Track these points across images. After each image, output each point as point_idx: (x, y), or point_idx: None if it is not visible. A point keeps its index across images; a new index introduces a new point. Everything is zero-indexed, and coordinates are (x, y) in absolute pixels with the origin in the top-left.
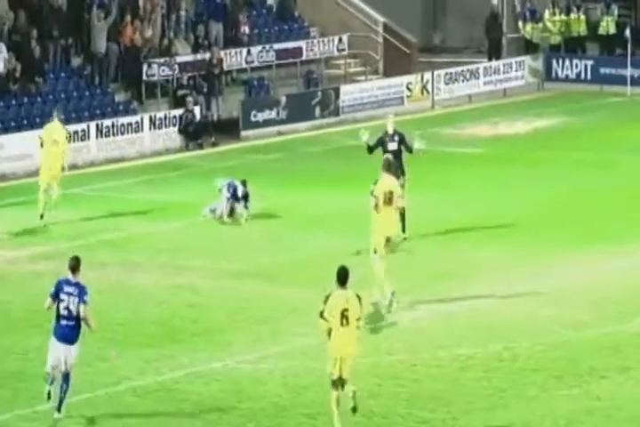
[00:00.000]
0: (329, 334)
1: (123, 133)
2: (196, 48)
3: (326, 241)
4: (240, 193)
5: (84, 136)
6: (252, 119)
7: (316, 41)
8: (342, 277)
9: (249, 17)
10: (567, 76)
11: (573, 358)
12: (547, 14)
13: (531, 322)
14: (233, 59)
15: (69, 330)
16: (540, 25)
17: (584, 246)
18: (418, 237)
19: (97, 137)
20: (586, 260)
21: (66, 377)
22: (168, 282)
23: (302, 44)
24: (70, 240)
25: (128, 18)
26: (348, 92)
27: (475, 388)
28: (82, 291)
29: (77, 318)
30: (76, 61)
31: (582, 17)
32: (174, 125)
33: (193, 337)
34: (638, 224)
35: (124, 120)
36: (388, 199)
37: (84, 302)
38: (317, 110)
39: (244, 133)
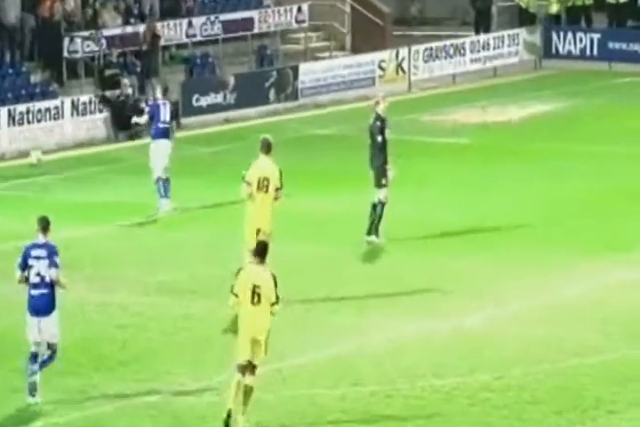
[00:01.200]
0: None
1: (39, 121)
2: (127, 19)
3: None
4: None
5: None
6: (195, 104)
7: (270, 11)
8: (260, 250)
9: None
10: (570, 52)
11: (576, 388)
12: None
13: (524, 346)
14: (171, 32)
15: (44, 299)
16: None
17: (587, 255)
18: (393, 242)
19: (8, 125)
20: (589, 271)
21: (51, 353)
22: (93, 298)
23: (254, 14)
24: None
25: None
26: (309, 72)
27: (459, 423)
28: (51, 252)
29: (52, 284)
30: None
31: None
32: (101, 112)
33: (122, 364)
34: None
35: (41, 105)
36: (264, 186)
37: (55, 265)
38: (272, 93)
39: (184, 121)
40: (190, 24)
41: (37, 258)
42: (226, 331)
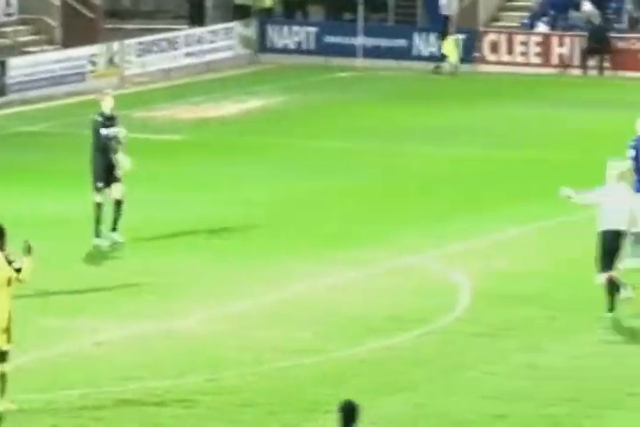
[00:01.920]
0: None
1: None
2: None
3: None
4: None
5: None
6: None
7: None
8: None
9: None
10: (286, 45)
11: (292, 390)
12: None
13: (240, 347)
14: None
15: None
16: None
17: (303, 254)
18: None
19: None
20: (306, 270)
21: None
22: None
23: None
24: None
25: None
26: (17, 67)
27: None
28: None
29: None
30: None
31: None
32: None
33: None
34: (380, 228)
35: None
36: None
37: None
38: None
39: None
40: None
41: None
42: None
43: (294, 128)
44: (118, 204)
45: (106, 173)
